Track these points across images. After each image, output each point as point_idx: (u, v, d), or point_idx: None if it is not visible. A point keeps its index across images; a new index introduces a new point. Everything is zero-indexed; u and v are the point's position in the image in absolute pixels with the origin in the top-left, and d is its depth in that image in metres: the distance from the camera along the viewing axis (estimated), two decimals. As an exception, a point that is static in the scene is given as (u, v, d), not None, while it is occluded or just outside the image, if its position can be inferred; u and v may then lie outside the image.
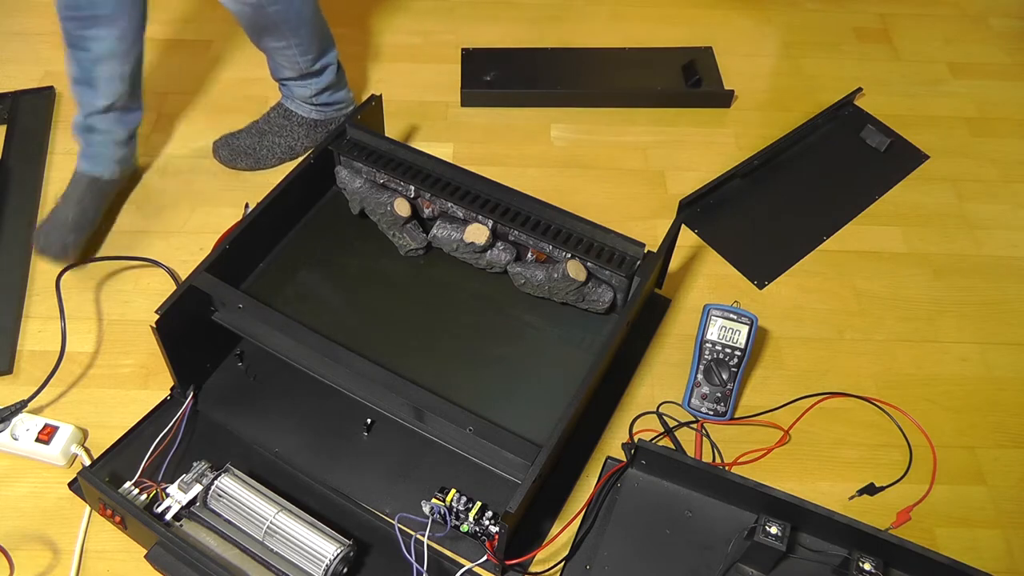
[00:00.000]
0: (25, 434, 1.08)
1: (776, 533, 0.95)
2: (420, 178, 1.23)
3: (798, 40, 1.80)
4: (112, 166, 1.34)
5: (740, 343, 1.17)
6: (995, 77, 1.73)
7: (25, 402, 1.10)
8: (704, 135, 1.59)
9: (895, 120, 1.61)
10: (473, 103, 1.61)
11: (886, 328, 1.30)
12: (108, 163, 1.34)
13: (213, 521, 0.98)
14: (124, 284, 1.30)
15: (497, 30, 1.78)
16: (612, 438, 1.16)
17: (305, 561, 0.95)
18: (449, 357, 1.12)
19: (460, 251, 1.20)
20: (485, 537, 0.99)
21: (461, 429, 0.97)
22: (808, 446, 1.16)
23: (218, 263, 1.10)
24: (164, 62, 1.66)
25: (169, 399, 1.14)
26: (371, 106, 1.34)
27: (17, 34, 1.70)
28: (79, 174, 1.33)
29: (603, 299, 1.15)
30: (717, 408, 1.16)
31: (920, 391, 1.23)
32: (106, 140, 1.32)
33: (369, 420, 1.12)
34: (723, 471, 1.03)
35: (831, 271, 1.37)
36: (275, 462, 1.09)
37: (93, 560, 1.01)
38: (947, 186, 1.52)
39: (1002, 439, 1.18)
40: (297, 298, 1.17)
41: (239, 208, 1.38)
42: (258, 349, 1.10)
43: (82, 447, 1.09)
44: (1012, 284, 1.37)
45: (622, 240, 1.15)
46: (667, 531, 1.05)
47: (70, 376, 1.18)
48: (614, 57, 1.72)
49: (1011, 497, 1.12)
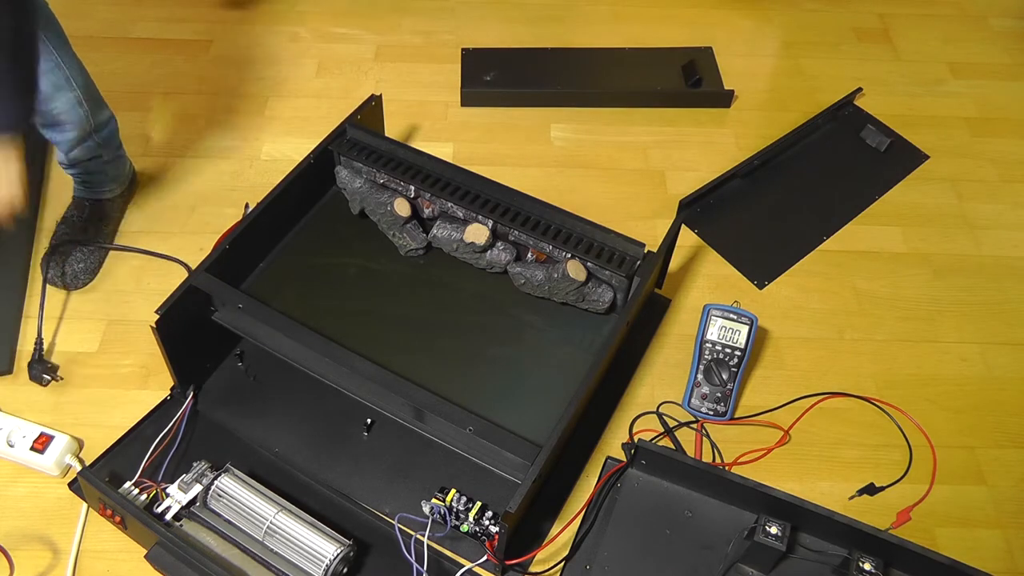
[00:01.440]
0: (21, 441, 1.07)
1: (776, 533, 0.95)
2: (420, 178, 1.23)
3: (798, 40, 1.80)
4: (110, 184, 1.34)
5: (740, 343, 1.17)
6: (995, 77, 1.73)
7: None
8: (704, 135, 1.59)
9: (895, 120, 1.61)
10: (473, 103, 1.61)
11: (886, 328, 1.30)
12: (106, 183, 1.33)
13: (213, 521, 0.98)
14: (124, 284, 1.30)
15: (497, 30, 1.78)
16: (612, 438, 1.16)
17: (305, 561, 0.95)
18: (449, 357, 1.12)
19: (460, 251, 1.20)
20: (485, 537, 0.99)
21: (461, 429, 0.97)
22: (808, 446, 1.16)
23: (218, 263, 1.10)
24: (164, 62, 1.66)
25: (169, 399, 1.14)
26: (371, 106, 1.34)
27: (17, 34, 1.70)
28: (78, 200, 1.32)
29: (603, 299, 1.15)
30: (717, 408, 1.16)
31: (920, 391, 1.23)
32: (96, 164, 1.30)
33: (369, 420, 1.12)
34: (723, 471, 1.03)
35: (831, 271, 1.37)
36: (275, 462, 1.09)
37: (93, 560, 1.01)
38: (947, 186, 1.52)
39: (1002, 439, 1.18)
40: (297, 298, 1.17)
41: (239, 208, 1.39)
42: (258, 349, 1.10)
43: (76, 458, 1.08)
44: (1012, 284, 1.37)
45: (622, 240, 1.15)
46: (667, 531, 1.05)
47: (70, 376, 1.18)
48: (614, 57, 1.72)
49: (1011, 497, 1.12)
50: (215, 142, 1.52)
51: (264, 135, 1.54)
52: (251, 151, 1.51)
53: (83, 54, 1.23)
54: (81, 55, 1.22)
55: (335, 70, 1.67)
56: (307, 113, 1.58)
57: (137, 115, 1.55)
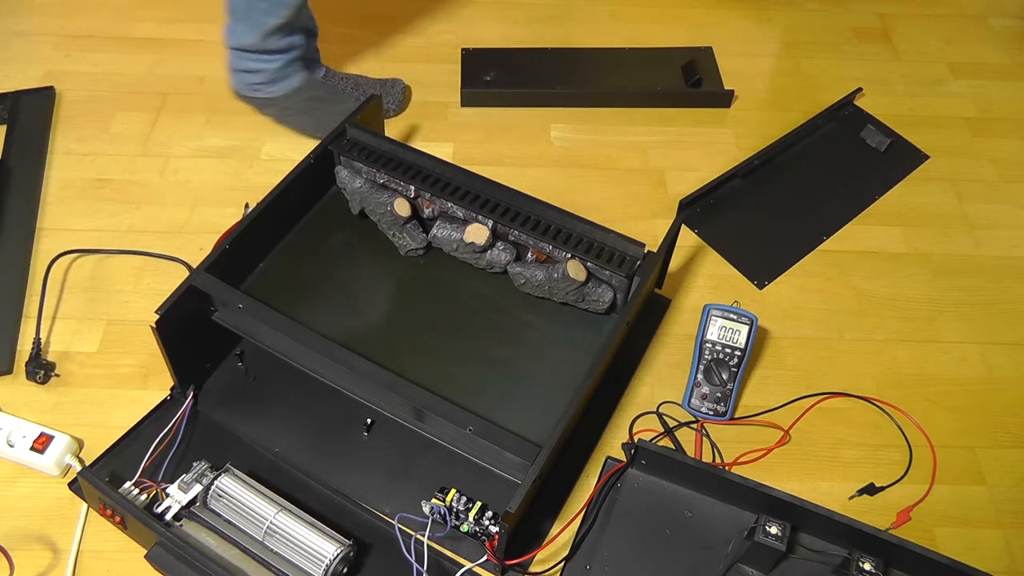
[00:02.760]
0: (21, 441, 1.07)
1: (776, 533, 0.95)
2: (420, 178, 1.23)
3: (798, 40, 1.80)
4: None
5: (740, 343, 1.17)
6: (995, 77, 1.73)
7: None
8: (704, 135, 1.59)
9: (895, 120, 1.61)
10: (473, 103, 1.61)
11: (886, 328, 1.30)
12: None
13: (213, 521, 0.98)
14: (124, 284, 1.30)
15: (497, 30, 1.78)
16: (612, 438, 1.16)
17: (305, 561, 0.95)
18: (449, 357, 1.12)
19: (460, 251, 1.20)
20: (485, 537, 0.99)
21: (461, 429, 0.97)
22: (808, 446, 1.16)
23: (218, 263, 1.10)
24: (164, 62, 1.66)
25: (169, 399, 1.14)
26: (371, 106, 1.34)
27: (17, 34, 1.70)
28: (309, 78, 1.46)
29: (603, 299, 1.15)
30: (717, 408, 1.16)
31: (920, 391, 1.23)
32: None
33: (369, 420, 1.12)
34: (723, 471, 1.03)
35: (831, 271, 1.37)
36: (275, 462, 1.09)
37: (93, 560, 1.01)
38: (947, 186, 1.52)
39: (1002, 439, 1.18)
40: (297, 298, 1.17)
41: (239, 208, 1.39)
42: (258, 349, 1.10)
43: (76, 458, 1.08)
44: (1012, 284, 1.37)
45: (622, 240, 1.15)
46: (667, 531, 1.05)
47: (70, 376, 1.18)
48: (614, 57, 1.72)
49: (1011, 497, 1.12)
50: (215, 142, 1.52)
51: (264, 135, 1.54)
52: (251, 151, 1.51)
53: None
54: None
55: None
56: (307, 113, 1.58)
57: (137, 115, 1.55)
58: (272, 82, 1.45)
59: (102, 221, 1.38)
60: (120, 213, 1.39)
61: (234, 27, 1.39)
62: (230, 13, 1.37)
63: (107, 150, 1.49)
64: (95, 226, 1.37)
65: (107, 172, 1.46)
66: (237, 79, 1.46)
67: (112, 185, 1.44)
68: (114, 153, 1.49)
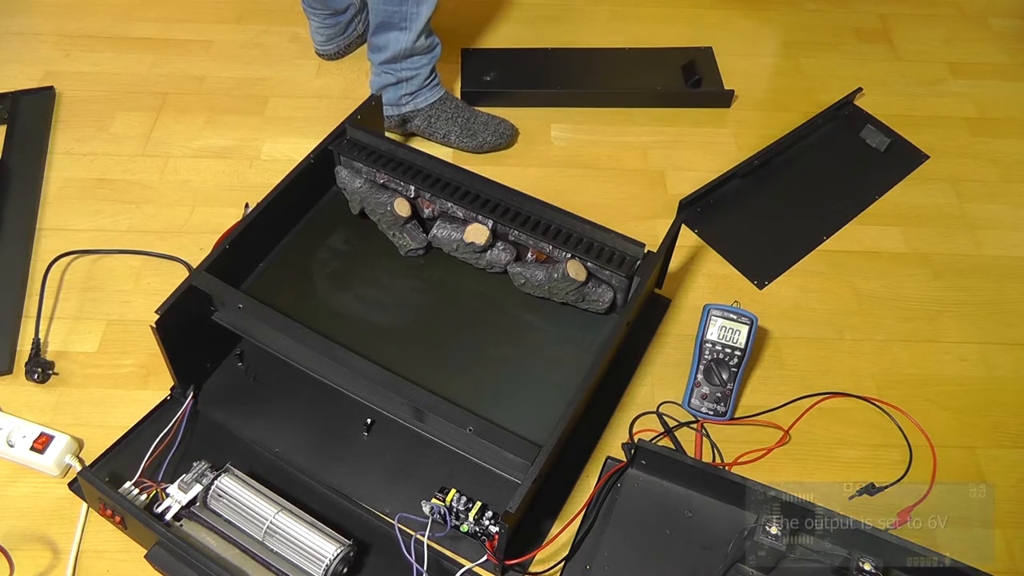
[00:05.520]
0: (21, 441, 1.07)
1: (776, 533, 0.95)
2: (420, 178, 1.23)
3: (798, 40, 1.80)
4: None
5: (740, 343, 1.17)
6: (995, 77, 1.74)
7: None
8: (704, 135, 1.59)
9: (895, 120, 1.61)
10: (473, 103, 1.61)
11: (886, 328, 1.30)
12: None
13: (213, 521, 0.98)
14: (124, 284, 1.30)
15: (497, 30, 1.78)
16: (612, 438, 1.16)
17: (305, 561, 0.95)
18: (449, 357, 1.12)
19: (460, 251, 1.20)
20: (485, 537, 0.99)
21: (461, 429, 0.97)
22: (808, 446, 1.16)
23: (218, 263, 1.10)
24: (164, 62, 1.66)
25: (169, 399, 1.14)
26: (371, 106, 1.34)
27: (17, 34, 1.70)
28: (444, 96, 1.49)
29: (603, 299, 1.15)
30: (717, 408, 1.16)
31: (920, 391, 1.23)
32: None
33: (369, 420, 1.12)
34: (723, 471, 1.03)
35: (831, 271, 1.37)
36: (275, 462, 1.09)
37: (93, 560, 1.01)
38: (947, 186, 1.52)
39: (1002, 439, 1.18)
40: (297, 298, 1.17)
41: (239, 208, 1.39)
42: (258, 349, 1.10)
43: (76, 458, 1.08)
44: (1012, 284, 1.37)
45: (622, 240, 1.15)
46: (667, 531, 1.05)
47: (70, 376, 1.18)
48: (614, 57, 1.72)
49: (1011, 497, 1.12)
50: (215, 142, 1.52)
51: (264, 135, 1.54)
52: (251, 151, 1.51)
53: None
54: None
55: (335, 70, 1.67)
56: (307, 113, 1.58)
57: (137, 115, 1.55)
58: (421, 90, 1.46)
59: (102, 221, 1.38)
60: (120, 213, 1.39)
61: (385, 38, 1.39)
62: (378, 29, 1.38)
63: (107, 150, 1.49)
64: (95, 226, 1.37)
65: (107, 172, 1.46)
66: (388, 95, 1.46)
67: (112, 185, 1.44)
68: (114, 153, 1.49)
